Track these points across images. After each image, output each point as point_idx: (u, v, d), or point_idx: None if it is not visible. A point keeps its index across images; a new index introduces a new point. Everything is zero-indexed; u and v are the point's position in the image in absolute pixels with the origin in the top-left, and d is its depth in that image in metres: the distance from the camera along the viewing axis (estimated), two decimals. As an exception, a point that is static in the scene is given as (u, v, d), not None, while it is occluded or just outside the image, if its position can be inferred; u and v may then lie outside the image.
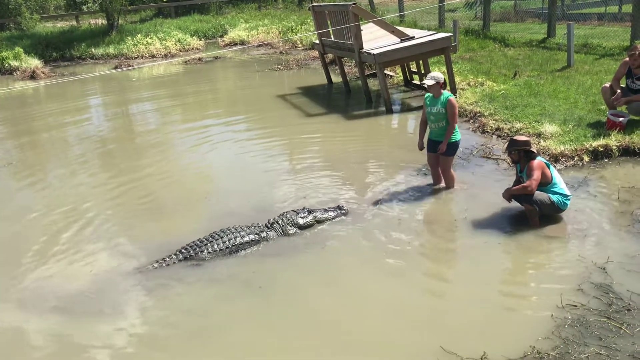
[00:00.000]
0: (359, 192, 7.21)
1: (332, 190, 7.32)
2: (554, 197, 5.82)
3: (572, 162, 7.37)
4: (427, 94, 7.01)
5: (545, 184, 5.83)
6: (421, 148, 7.10)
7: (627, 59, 8.04)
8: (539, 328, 4.31)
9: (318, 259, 5.70)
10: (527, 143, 5.86)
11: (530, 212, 5.89)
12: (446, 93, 6.79)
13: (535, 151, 5.92)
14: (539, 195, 5.78)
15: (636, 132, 7.67)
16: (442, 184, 7.07)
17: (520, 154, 5.91)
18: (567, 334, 4.19)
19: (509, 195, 5.96)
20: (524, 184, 5.77)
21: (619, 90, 8.14)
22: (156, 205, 7.41)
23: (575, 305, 4.51)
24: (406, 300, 4.90)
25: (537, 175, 5.74)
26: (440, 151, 6.80)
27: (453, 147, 6.86)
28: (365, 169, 7.84)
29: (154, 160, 9.30)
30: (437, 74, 6.82)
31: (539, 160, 5.84)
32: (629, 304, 4.48)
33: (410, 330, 4.49)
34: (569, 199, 5.92)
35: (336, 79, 14.23)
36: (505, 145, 6.06)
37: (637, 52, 7.82)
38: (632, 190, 6.48)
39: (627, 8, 15.99)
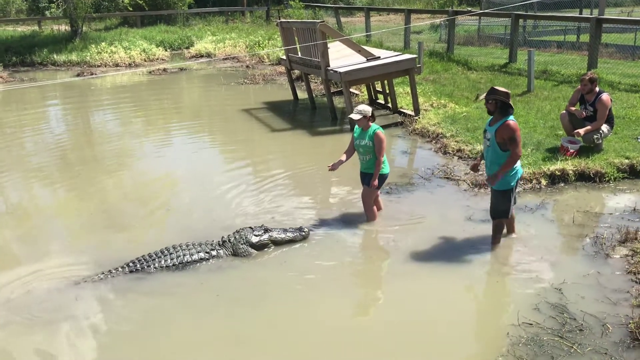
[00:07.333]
0: (320, 211, 7.19)
1: (293, 208, 7.28)
2: (506, 182, 5.71)
3: (530, 185, 7.54)
4: (356, 126, 6.72)
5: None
6: (333, 169, 6.76)
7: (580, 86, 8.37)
8: (495, 346, 4.37)
9: (275, 274, 5.68)
10: (507, 95, 5.55)
11: (496, 227, 5.99)
12: (374, 126, 6.54)
13: (512, 106, 5.65)
14: (498, 204, 5.87)
15: (591, 158, 7.91)
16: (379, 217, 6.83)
17: (497, 105, 5.60)
18: (521, 352, 4.26)
19: (494, 177, 5.68)
20: (514, 153, 5.53)
21: (574, 109, 8.38)
22: (114, 216, 7.26)
23: (531, 324, 4.60)
24: (359, 326, 4.93)
25: (519, 137, 5.53)
26: (372, 187, 6.53)
27: (379, 180, 6.59)
28: (329, 188, 7.84)
29: (113, 170, 9.13)
30: (365, 107, 6.52)
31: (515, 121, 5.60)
32: (582, 324, 4.59)
33: (367, 353, 4.49)
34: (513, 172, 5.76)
35: (302, 95, 14.27)
36: (484, 94, 5.79)
37: (587, 78, 8.17)
38: (586, 215, 6.66)
39: (585, 38, 16.58)
